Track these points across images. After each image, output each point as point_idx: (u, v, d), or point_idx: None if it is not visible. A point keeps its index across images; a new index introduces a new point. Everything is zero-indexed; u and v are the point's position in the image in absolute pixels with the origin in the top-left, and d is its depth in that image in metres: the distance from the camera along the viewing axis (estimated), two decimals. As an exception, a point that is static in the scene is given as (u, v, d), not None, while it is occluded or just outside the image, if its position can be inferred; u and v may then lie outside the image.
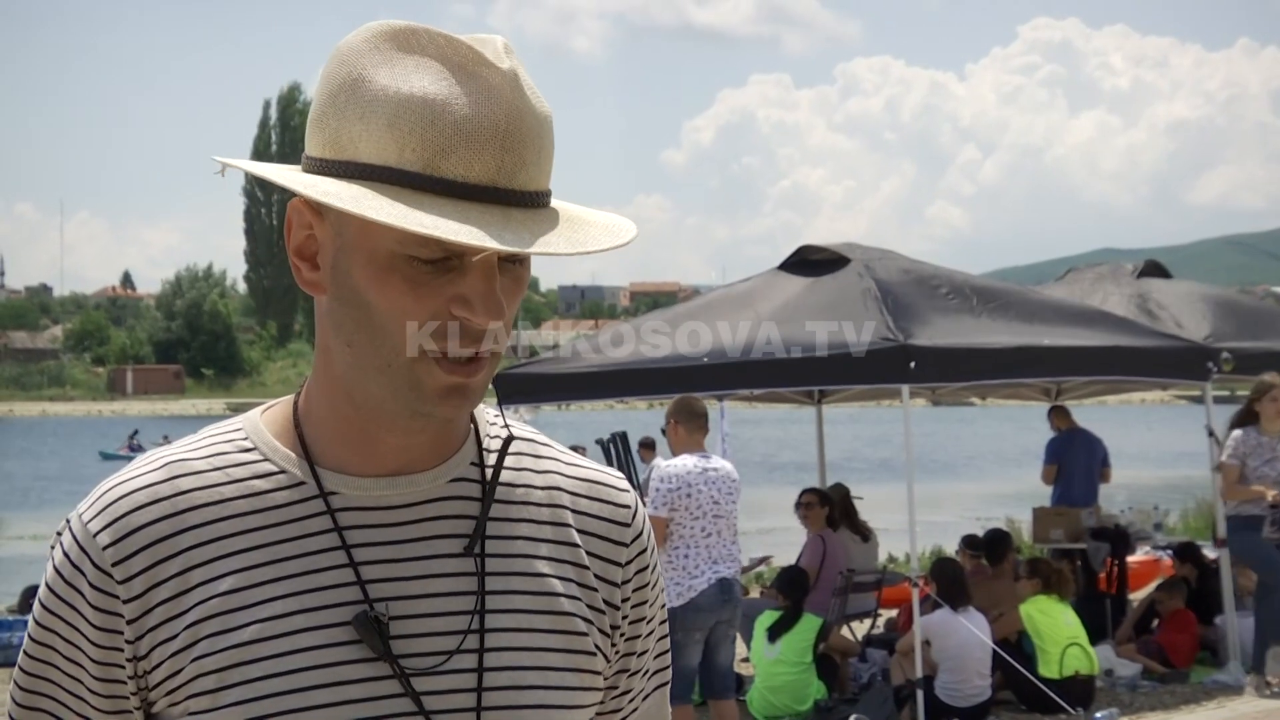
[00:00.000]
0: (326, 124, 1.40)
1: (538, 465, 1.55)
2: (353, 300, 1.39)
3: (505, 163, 1.35)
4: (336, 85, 1.40)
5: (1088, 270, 14.27)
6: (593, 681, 1.51)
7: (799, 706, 9.45)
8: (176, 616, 1.39)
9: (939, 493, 30.45)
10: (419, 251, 1.35)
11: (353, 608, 1.40)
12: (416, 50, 1.39)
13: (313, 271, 1.43)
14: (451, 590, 1.44)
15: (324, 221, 1.41)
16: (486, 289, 1.37)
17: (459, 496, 1.48)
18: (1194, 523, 19.60)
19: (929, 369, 9.41)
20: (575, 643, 1.49)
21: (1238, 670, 10.59)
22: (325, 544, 1.42)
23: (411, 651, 1.40)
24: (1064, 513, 12.69)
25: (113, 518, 1.41)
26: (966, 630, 9.24)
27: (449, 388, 1.39)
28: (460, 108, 1.35)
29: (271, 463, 1.45)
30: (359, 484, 1.44)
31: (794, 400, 14.52)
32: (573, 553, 1.52)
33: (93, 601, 1.40)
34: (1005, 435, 56.20)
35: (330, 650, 1.38)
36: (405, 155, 1.34)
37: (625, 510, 1.57)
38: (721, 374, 10.01)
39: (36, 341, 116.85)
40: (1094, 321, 10.93)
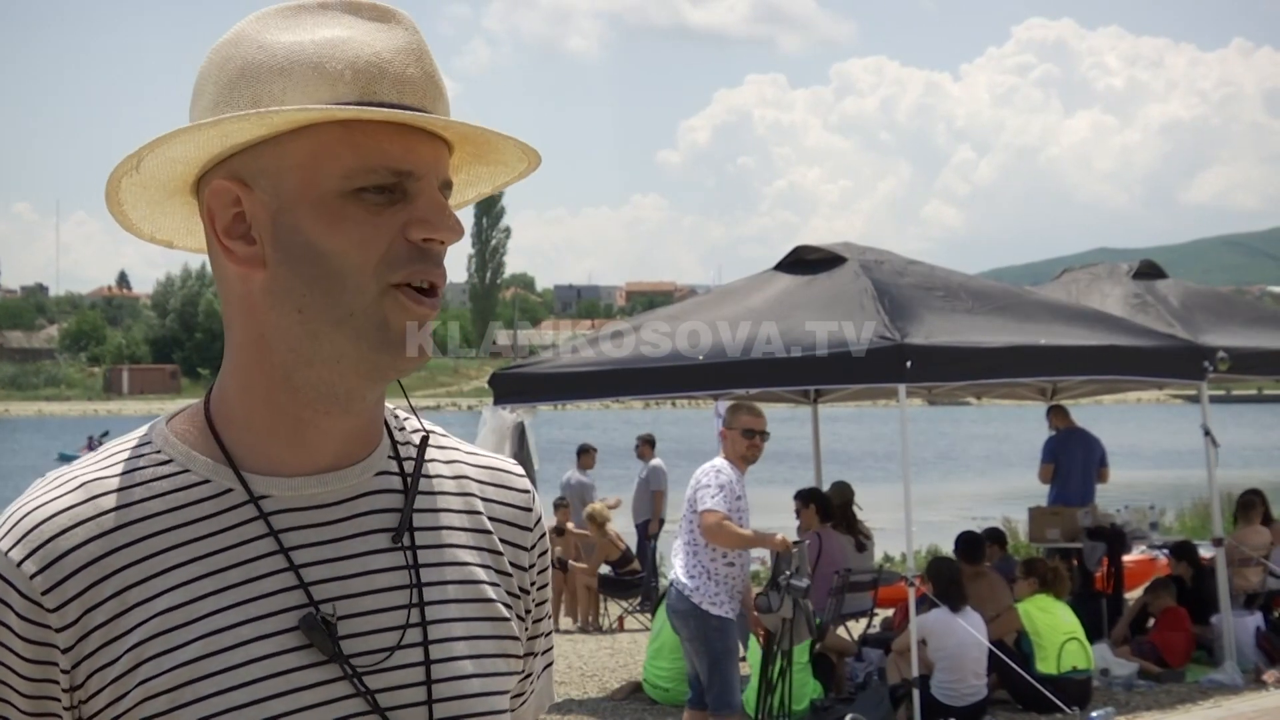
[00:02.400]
0: (239, 98, 1.37)
1: (443, 456, 1.54)
2: (304, 256, 1.35)
3: (428, 89, 1.39)
4: (241, 62, 1.38)
5: (1083, 270, 14.28)
6: (516, 665, 1.51)
7: (795, 706, 9.44)
8: (115, 640, 1.33)
9: (935, 492, 30.47)
10: (368, 180, 1.34)
11: (298, 611, 1.36)
12: (310, 12, 1.40)
13: (248, 247, 1.38)
14: (388, 585, 1.41)
15: (253, 192, 1.37)
16: (439, 203, 1.38)
17: (384, 490, 1.46)
18: (1190, 522, 19.62)
19: (925, 368, 9.42)
20: (501, 628, 1.49)
21: (1233, 670, 10.61)
22: (263, 549, 1.38)
23: (359, 650, 1.38)
24: (1060, 512, 12.71)
25: (36, 544, 1.33)
26: (963, 630, 9.24)
27: (416, 324, 1.37)
28: (379, 42, 1.38)
29: (193, 473, 1.40)
30: (289, 484, 1.41)
31: (790, 400, 14.52)
32: (488, 540, 1.51)
33: (21, 633, 1.32)
34: (1001, 435, 56.22)
35: (281, 657, 1.35)
36: (339, 90, 1.35)
37: (527, 496, 1.58)
38: (719, 373, 10.01)
39: (32, 341, 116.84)
40: (1090, 321, 10.93)
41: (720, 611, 7.60)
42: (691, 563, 7.68)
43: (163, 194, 1.45)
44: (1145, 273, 13.47)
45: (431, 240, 1.37)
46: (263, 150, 1.36)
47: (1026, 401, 16.01)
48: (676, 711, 10.03)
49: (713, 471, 7.73)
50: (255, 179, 1.37)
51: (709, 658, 7.65)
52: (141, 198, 1.45)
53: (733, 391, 12.03)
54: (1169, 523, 18.72)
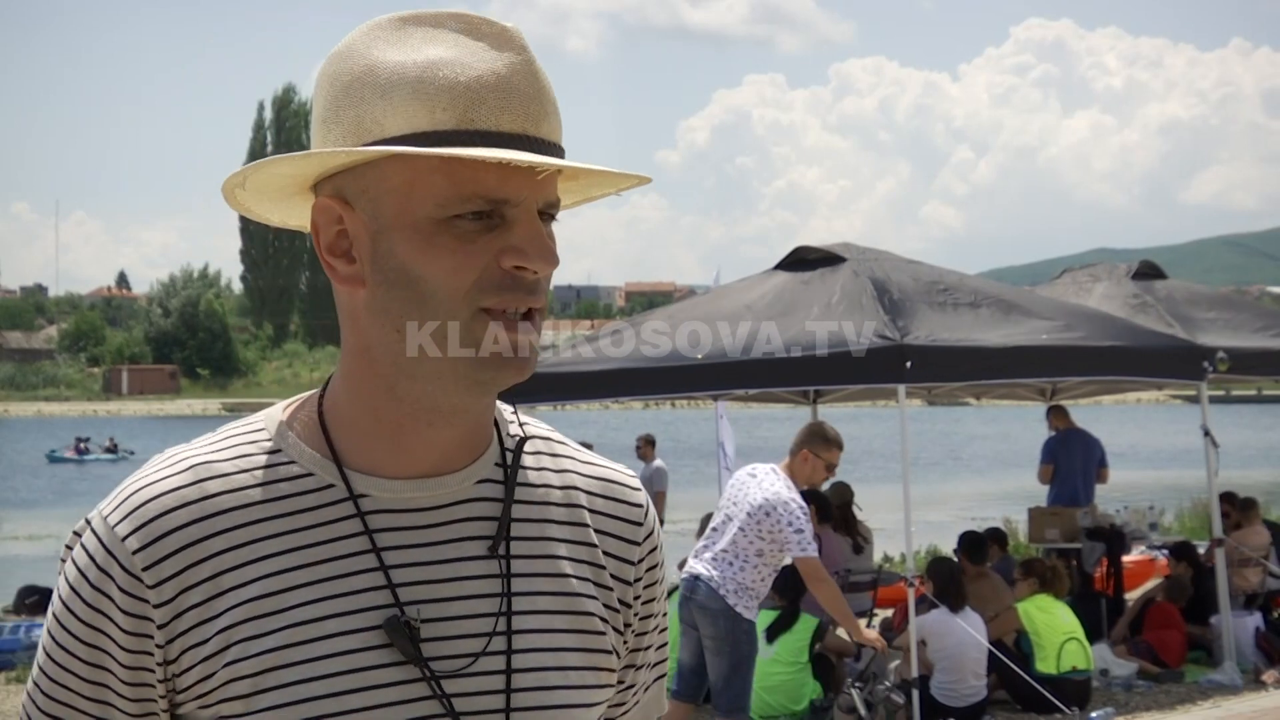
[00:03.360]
0: (343, 117, 1.38)
1: (555, 464, 1.55)
2: (399, 279, 1.37)
3: (531, 111, 1.37)
4: (347, 78, 1.39)
5: (1083, 270, 14.28)
6: (608, 679, 1.52)
7: (794, 706, 9.45)
8: (208, 621, 1.37)
9: (935, 493, 30.47)
10: (463, 208, 1.35)
11: (383, 611, 1.39)
12: (419, 26, 1.40)
13: (349, 266, 1.41)
14: (479, 592, 1.43)
15: (355, 211, 1.40)
16: (535, 233, 1.37)
17: (485, 498, 1.47)
18: (1189, 522, 19.62)
19: (925, 369, 9.42)
20: (593, 641, 1.49)
21: (1233, 670, 10.61)
22: (356, 547, 1.41)
23: (441, 654, 1.40)
24: (1059, 512, 12.71)
25: (141, 521, 1.38)
26: (962, 630, 9.25)
27: (509, 346, 1.38)
28: (481, 64, 1.36)
29: (299, 465, 1.44)
30: (389, 486, 1.43)
31: (789, 400, 14.52)
32: (590, 552, 1.52)
33: (122, 606, 1.38)
34: (1001, 435, 56.22)
35: (362, 654, 1.38)
36: (437, 116, 1.35)
37: (638, 510, 1.58)
38: (719, 373, 10.01)
39: (32, 341, 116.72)
40: (1089, 321, 10.93)
41: (751, 616, 7.58)
42: (733, 573, 7.51)
43: (281, 196, 1.49)
44: (1144, 273, 13.47)
45: (525, 269, 1.37)
46: (363, 171, 1.38)
47: (1026, 402, 16.00)
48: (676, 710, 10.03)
49: (799, 509, 7.51)
50: (356, 199, 1.39)
51: (733, 660, 7.56)
52: (262, 198, 1.49)
53: (732, 391, 12.04)
54: (1168, 523, 18.73)
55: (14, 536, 26.32)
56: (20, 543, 25.34)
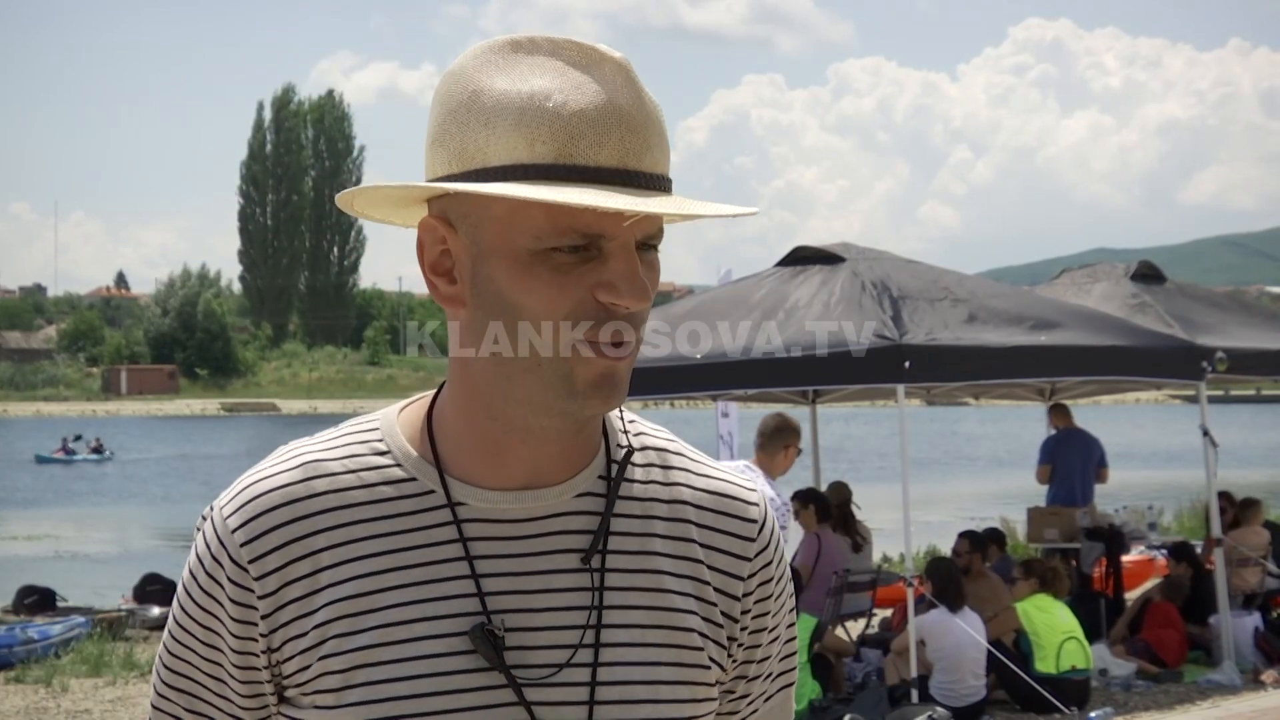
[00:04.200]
0: (449, 141, 1.42)
1: (665, 477, 1.56)
2: (496, 305, 1.41)
3: (631, 144, 1.38)
4: (455, 103, 1.42)
5: (1081, 271, 14.27)
6: (706, 693, 1.52)
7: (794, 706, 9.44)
8: (305, 615, 1.43)
9: (934, 493, 30.47)
10: (559, 242, 1.37)
11: (471, 619, 1.43)
12: (528, 53, 1.42)
13: (450, 286, 1.45)
14: (568, 604, 1.46)
15: (457, 234, 1.43)
16: (629, 270, 1.39)
17: (584, 511, 1.49)
18: (1188, 522, 19.63)
19: (924, 369, 9.42)
20: (689, 656, 1.50)
21: (1232, 670, 10.61)
22: (449, 554, 1.45)
23: (526, 663, 1.43)
24: (1058, 512, 12.70)
25: (249, 516, 1.45)
26: (961, 630, 9.25)
27: (600, 375, 1.40)
28: (583, 96, 1.38)
29: (403, 469, 1.48)
30: (486, 496, 1.47)
31: (788, 400, 14.52)
32: (694, 567, 1.53)
33: (231, 595, 1.45)
34: (1000, 435, 56.23)
35: (448, 659, 1.42)
36: (536, 150, 1.37)
37: (751, 525, 1.57)
38: (719, 373, 10.02)
39: (31, 341, 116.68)
40: (1088, 322, 10.93)
41: None
42: None
43: (397, 206, 1.53)
44: (1143, 273, 13.46)
45: (618, 304, 1.39)
46: (466, 197, 1.42)
47: (1025, 402, 16.01)
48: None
49: (782, 505, 7.80)
50: (459, 222, 1.43)
51: None
52: (376, 209, 1.54)
53: (732, 391, 12.04)
54: (1167, 523, 18.73)
55: (12, 537, 26.32)
56: (19, 543, 25.34)
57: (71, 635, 12.75)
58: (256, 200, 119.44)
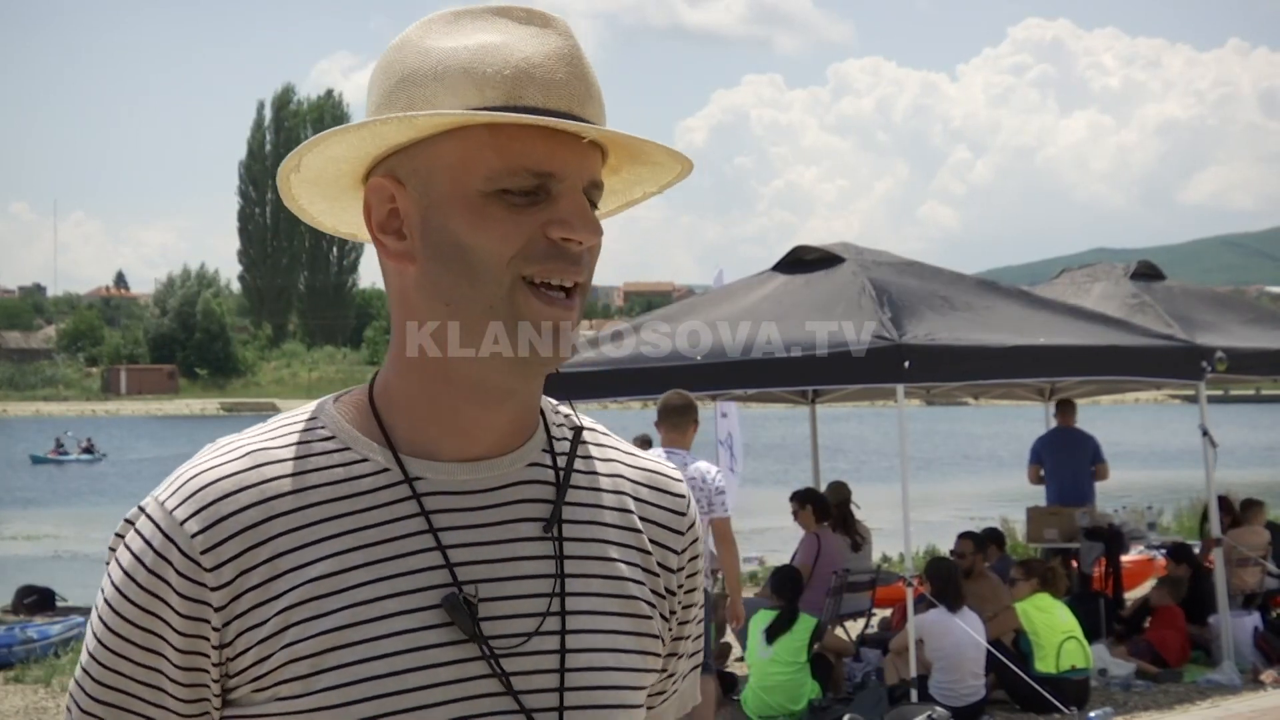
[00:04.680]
0: (397, 100, 1.44)
1: (600, 454, 1.59)
2: (451, 252, 1.42)
3: (576, 92, 1.43)
4: (401, 66, 1.46)
5: (1081, 271, 14.28)
6: (654, 663, 1.55)
7: (793, 706, 9.45)
8: (267, 602, 1.40)
9: (933, 492, 30.48)
10: (511, 182, 1.40)
11: (441, 590, 1.42)
12: (472, 18, 1.46)
13: (399, 242, 1.46)
14: (534, 572, 1.47)
15: (406, 190, 1.45)
16: (580, 207, 1.42)
17: (535, 481, 1.51)
18: (1187, 522, 19.62)
19: (924, 369, 9.42)
20: (641, 625, 1.53)
21: (1231, 670, 10.61)
22: (412, 528, 1.44)
23: (498, 632, 1.43)
24: (1058, 512, 12.70)
25: (200, 505, 1.41)
26: (960, 630, 9.25)
27: (550, 324, 1.42)
28: (528, 47, 1.43)
29: (354, 450, 1.47)
30: (443, 469, 1.47)
31: (788, 400, 14.52)
32: (637, 539, 1.56)
33: (179, 589, 1.40)
34: (999, 435, 56.22)
35: (421, 634, 1.41)
36: (486, 94, 1.41)
37: (681, 500, 1.62)
38: (719, 373, 10.02)
39: (30, 341, 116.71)
40: (1088, 321, 10.93)
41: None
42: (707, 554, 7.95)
43: (336, 190, 1.54)
44: (1143, 273, 13.47)
45: (570, 240, 1.42)
46: (416, 151, 1.44)
47: (1024, 402, 16.00)
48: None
49: (718, 474, 8.06)
50: (408, 178, 1.45)
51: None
52: (316, 194, 1.54)
53: (732, 391, 12.04)
54: (1167, 523, 18.73)
55: (11, 537, 26.31)
56: (18, 543, 25.34)
57: (71, 635, 12.75)
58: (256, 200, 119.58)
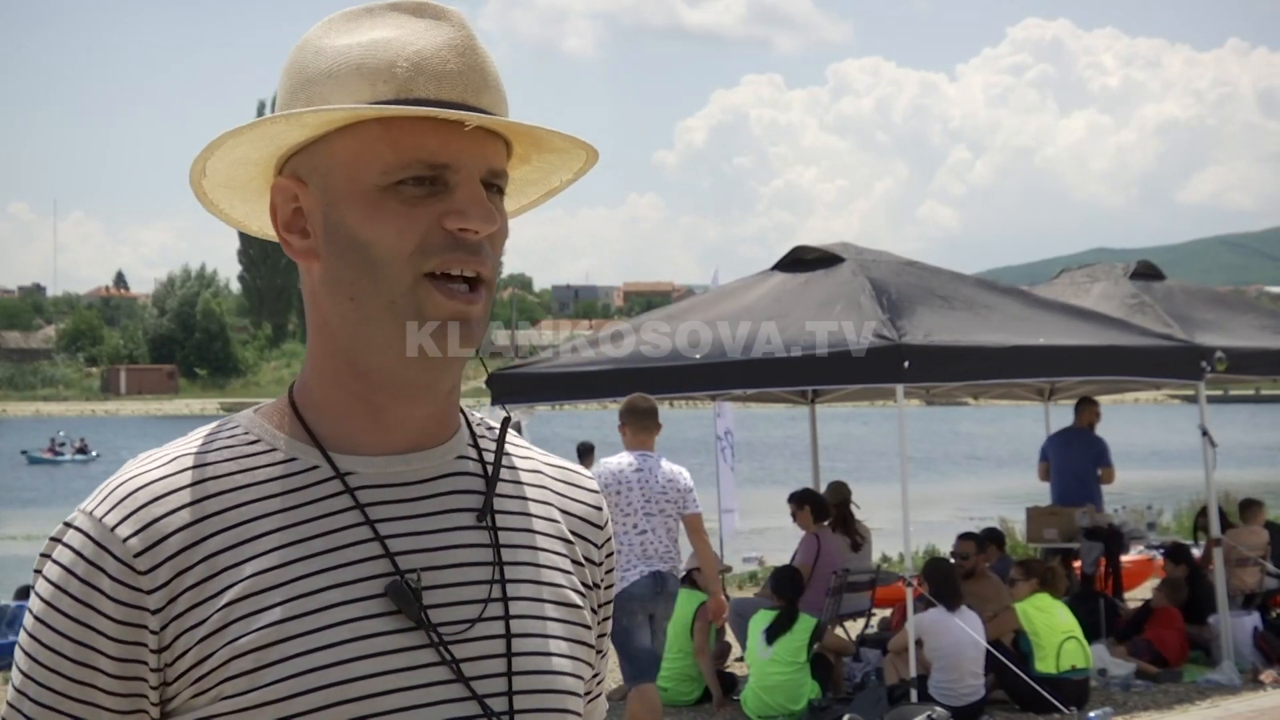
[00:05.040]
0: (297, 100, 1.46)
1: (518, 451, 1.60)
2: (351, 247, 1.43)
3: (470, 81, 1.44)
4: (298, 68, 1.47)
5: (1081, 271, 14.28)
6: (588, 654, 1.55)
7: (793, 706, 9.45)
8: (204, 601, 1.38)
9: (933, 492, 30.48)
10: (406, 174, 1.41)
11: (384, 580, 1.42)
12: (369, 15, 1.47)
13: (303, 240, 1.47)
14: (472, 560, 1.47)
15: (308, 188, 1.46)
16: (475, 196, 1.42)
17: (466, 472, 1.52)
18: (1187, 522, 19.62)
19: (924, 369, 9.42)
20: (574, 615, 1.54)
21: (1231, 670, 10.61)
22: (349, 521, 1.44)
23: (443, 620, 1.43)
24: (1058, 512, 12.70)
25: (131, 510, 1.40)
26: (959, 630, 9.24)
27: (450, 315, 1.42)
28: (420, 40, 1.44)
29: (280, 451, 1.46)
30: (373, 462, 1.47)
31: (788, 400, 14.52)
32: (559, 529, 1.57)
33: (114, 596, 1.38)
34: (999, 435, 56.22)
35: (366, 622, 1.40)
36: (378, 89, 1.41)
37: (597, 496, 1.64)
38: (719, 373, 10.02)
39: (30, 341, 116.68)
40: (1087, 321, 10.93)
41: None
42: (676, 554, 8.24)
43: (252, 193, 1.55)
44: (1143, 273, 13.47)
45: (466, 230, 1.42)
46: (315, 149, 1.45)
47: (1024, 402, 16.00)
48: (675, 711, 10.03)
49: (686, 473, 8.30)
50: (309, 176, 1.46)
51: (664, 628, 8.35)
52: (236, 198, 1.56)
53: (731, 391, 12.04)
54: (1166, 523, 18.73)
55: (10, 536, 26.31)
56: (17, 543, 25.33)
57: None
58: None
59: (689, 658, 10.07)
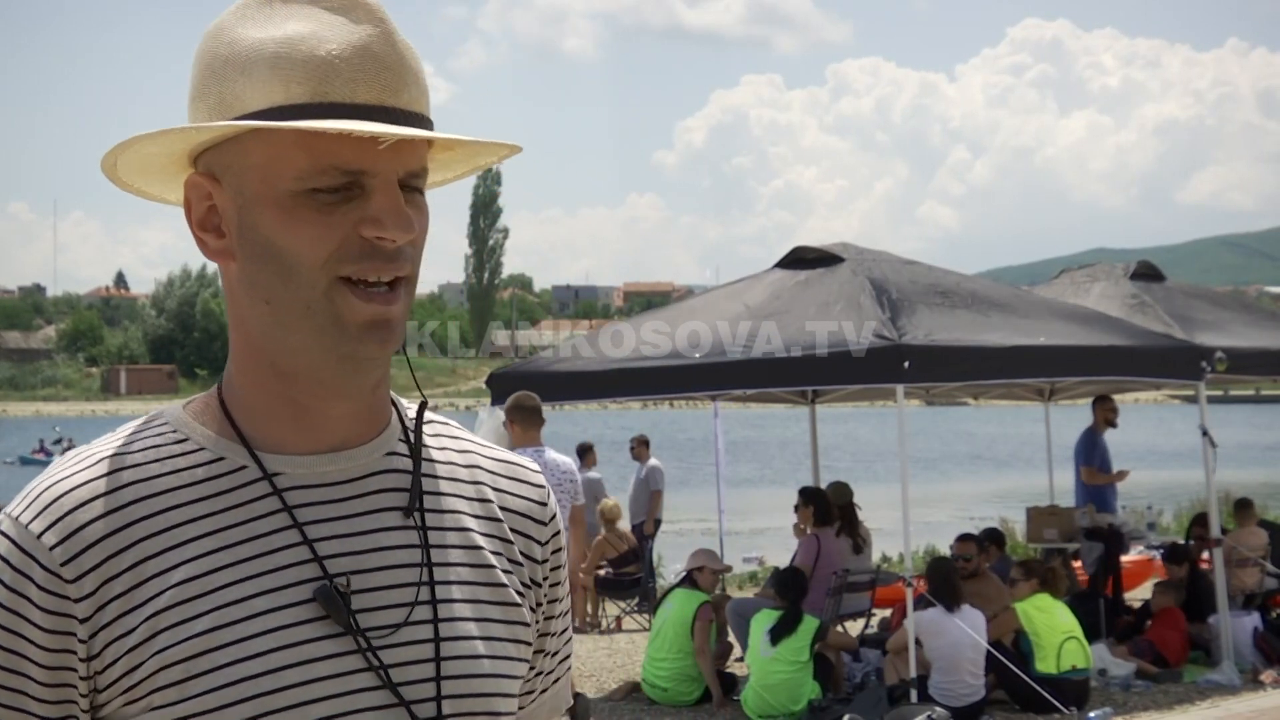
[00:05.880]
0: (208, 94, 1.41)
1: (456, 445, 1.57)
2: (265, 252, 1.40)
3: (388, 82, 1.38)
4: (211, 57, 1.42)
5: (1081, 271, 14.29)
6: (525, 653, 1.52)
7: (793, 706, 9.45)
8: (132, 610, 1.36)
9: (933, 492, 30.49)
10: (321, 181, 1.37)
11: (312, 584, 1.39)
12: (284, 3, 1.42)
13: (219, 240, 1.43)
14: (401, 561, 1.44)
15: (222, 188, 1.42)
16: (393, 203, 1.38)
17: (396, 469, 1.49)
18: (1187, 522, 19.63)
19: (924, 369, 9.43)
20: (512, 613, 1.50)
21: (1231, 670, 10.61)
22: (276, 524, 1.41)
23: (372, 623, 1.41)
24: (1057, 512, 12.70)
25: (56, 516, 1.37)
26: (957, 630, 9.24)
27: (370, 320, 1.39)
28: (337, 37, 1.38)
29: (208, 450, 1.44)
30: (301, 462, 1.44)
31: (787, 400, 14.53)
32: (498, 527, 1.53)
33: (41, 604, 1.36)
34: (999, 435, 56.22)
35: (294, 629, 1.38)
36: (292, 91, 1.37)
37: (542, 490, 1.60)
38: (719, 373, 10.02)
39: (30, 341, 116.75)
40: (1088, 321, 10.94)
41: None
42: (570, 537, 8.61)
43: (169, 173, 1.49)
44: (1143, 273, 13.48)
45: (383, 239, 1.38)
46: (228, 148, 1.41)
47: (1024, 402, 16.00)
48: (675, 711, 10.05)
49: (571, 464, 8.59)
50: (224, 175, 1.42)
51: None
52: (152, 179, 1.50)
53: (732, 391, 12.04)
54: (1166, 523, 18.73)
55: None
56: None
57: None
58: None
59: (689, 658, 10.08)
